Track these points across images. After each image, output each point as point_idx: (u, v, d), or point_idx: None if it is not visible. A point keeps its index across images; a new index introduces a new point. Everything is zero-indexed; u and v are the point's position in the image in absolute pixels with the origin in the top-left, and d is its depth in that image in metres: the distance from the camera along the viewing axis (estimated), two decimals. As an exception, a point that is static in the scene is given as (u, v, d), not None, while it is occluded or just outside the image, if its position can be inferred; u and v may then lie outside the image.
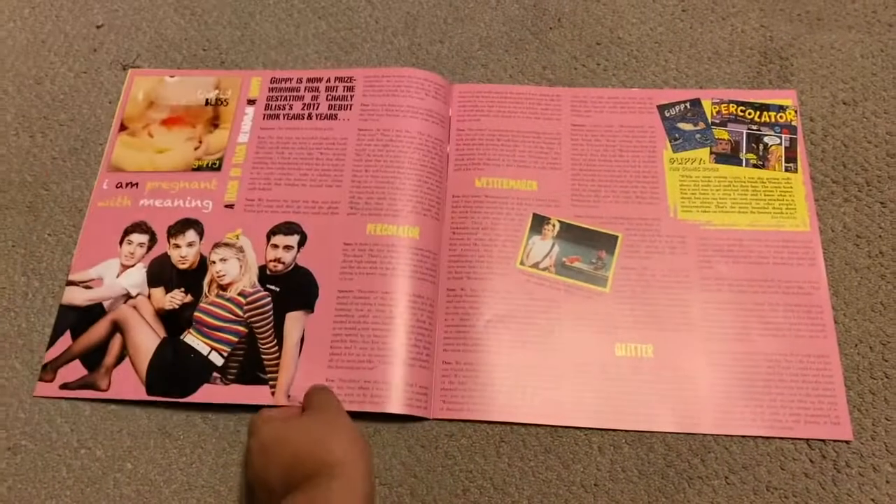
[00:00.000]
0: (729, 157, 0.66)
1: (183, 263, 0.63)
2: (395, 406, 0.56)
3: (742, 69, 0.70)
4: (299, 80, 0.70)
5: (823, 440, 0.55)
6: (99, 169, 0.67)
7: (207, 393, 0.58)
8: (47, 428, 0.57)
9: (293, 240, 0.63)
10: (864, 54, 0.70)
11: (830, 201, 0.64)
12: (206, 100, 0.70)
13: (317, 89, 0.70)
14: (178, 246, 0.64)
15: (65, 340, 0.60)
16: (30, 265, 0.63)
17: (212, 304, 0.61)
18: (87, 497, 0.55)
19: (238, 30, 0.74)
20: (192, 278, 0.62)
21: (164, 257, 0.63)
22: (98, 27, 0.74)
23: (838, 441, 0.55)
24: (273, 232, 0.63)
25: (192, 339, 0.60)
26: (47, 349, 0.60)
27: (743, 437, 0.55)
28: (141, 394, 0.58)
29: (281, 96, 0.70)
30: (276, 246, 0.63)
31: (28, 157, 0.68)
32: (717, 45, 0.71)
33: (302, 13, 0.75)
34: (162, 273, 0.63)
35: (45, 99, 0.70)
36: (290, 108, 0.69)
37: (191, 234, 0.64)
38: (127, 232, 0.64)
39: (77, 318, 0.61)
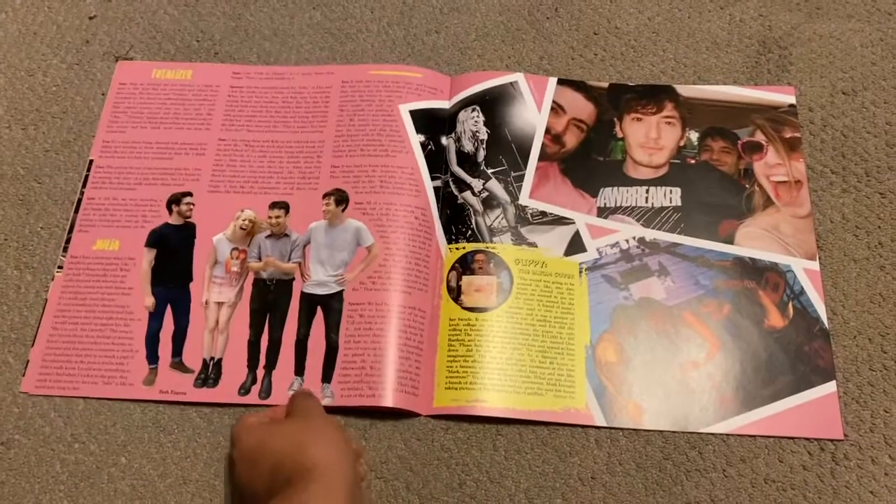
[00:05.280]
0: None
1: None
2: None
3: (740, 59, 0.69)
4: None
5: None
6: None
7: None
8: (41, 422, 0.57)
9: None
10: (864, 44, 0.69)
11: (829, 192, 0.63)
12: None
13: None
14: None
15: None
16: (22, 259, 0.63)
17: None
18: (80, 492, 0.54)
19: (232, 20, 0.73)
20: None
21: None
22: (91, 18, 0.73)
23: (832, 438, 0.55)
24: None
25: None
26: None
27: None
28: None
29: None
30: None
31: (20, 149, 0.67)
32: (715, 35, 0.70)
33: (296, 3, 0.74)
34: None
35: (37, 91, 0.70)
36: None
37: None
38: None
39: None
